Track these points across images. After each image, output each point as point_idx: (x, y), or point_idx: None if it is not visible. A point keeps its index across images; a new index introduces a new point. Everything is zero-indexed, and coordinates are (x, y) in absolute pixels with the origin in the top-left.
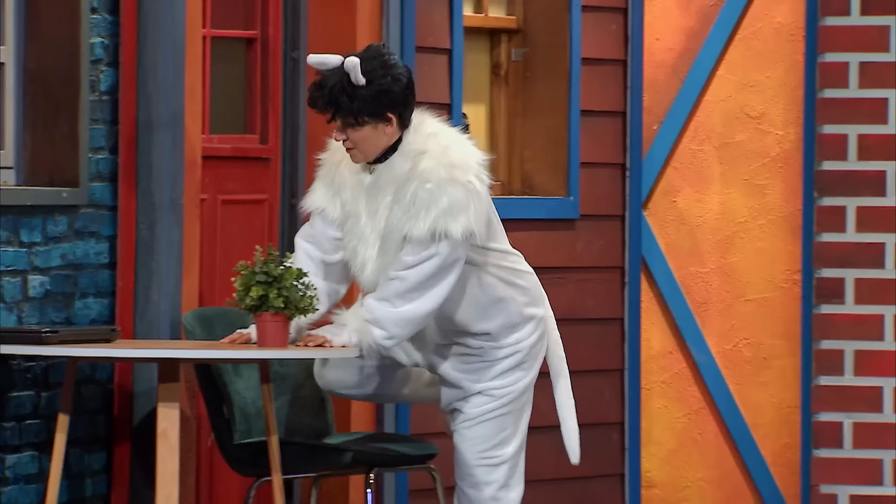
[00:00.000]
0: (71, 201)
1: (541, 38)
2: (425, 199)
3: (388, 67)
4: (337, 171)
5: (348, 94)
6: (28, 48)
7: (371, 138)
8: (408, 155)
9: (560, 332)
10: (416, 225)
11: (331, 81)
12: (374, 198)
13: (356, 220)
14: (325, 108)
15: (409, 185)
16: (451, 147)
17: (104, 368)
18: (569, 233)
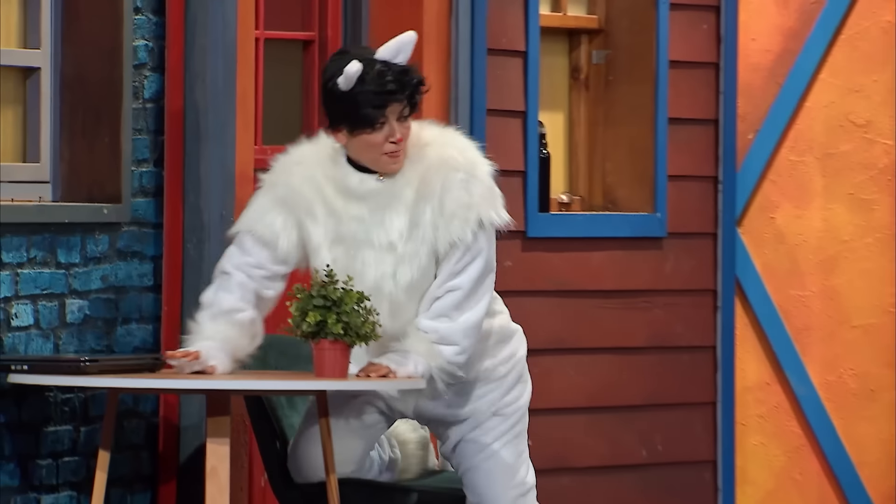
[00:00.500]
0: (112, 218)
1: (624, 39)
2: (462, 191)
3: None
4: (297, 197)
5: (414, 76)
6: (65, 51)
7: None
8: (411, 154)
9: (646, 362)
10: (461, 221)
11: (412, 73)
12: (382, 208)
13: (353, 242)
14: (394, 106)
15: (431, 179)
16: (448, 134)
17: (148, 400)
18: (655, 252)
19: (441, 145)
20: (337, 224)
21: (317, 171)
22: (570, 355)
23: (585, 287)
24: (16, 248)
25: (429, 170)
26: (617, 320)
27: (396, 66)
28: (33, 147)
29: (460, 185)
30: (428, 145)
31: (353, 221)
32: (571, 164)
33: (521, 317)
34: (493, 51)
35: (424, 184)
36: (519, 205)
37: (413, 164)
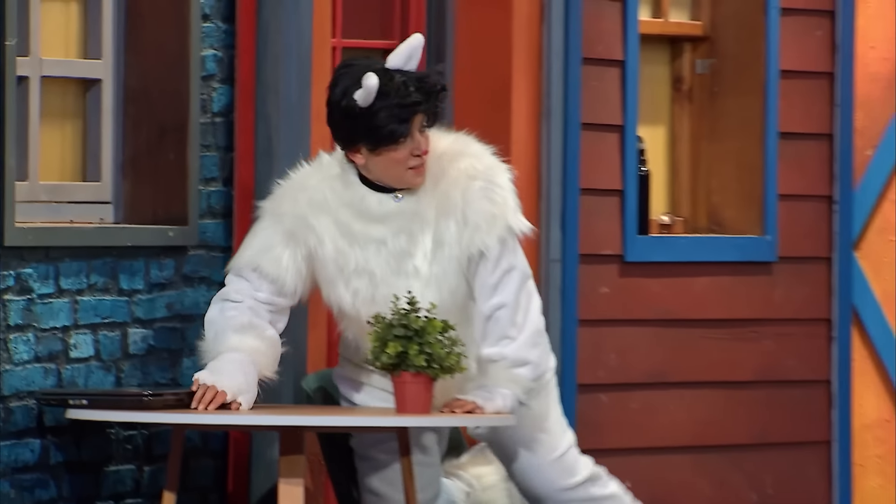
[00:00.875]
0: (178, 241)
1: (731, 47)
2: (485, 201)
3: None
4: (305, 227)
5: (433, 83)
6: (128, 62)
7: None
8: (430, 163)
9: (754, 397)
10: (488, 231)
11: (432, 79)
12: (407, 229)
13: (371, 271)
14: (417, 118)
15: (450, 192)
16: (462, 141)
17: (216, 438)
18: (765, 278)
19: (457, 155)
20: (356, 252)
21: (327, 196)
22: (673, 390)
23: (688, 316)
24: (75, 274)
25: (447, 183)
26: (723, 352)
27: (414, 74)
28: (93, 165)
29: (481, 195)
30: (443, 156)
31: (374, 246)
32: (673, 183)
33: (618, 347)
34: (588, 60)
35: (445, 198)
36: (616, 227)
37: (431, 178)
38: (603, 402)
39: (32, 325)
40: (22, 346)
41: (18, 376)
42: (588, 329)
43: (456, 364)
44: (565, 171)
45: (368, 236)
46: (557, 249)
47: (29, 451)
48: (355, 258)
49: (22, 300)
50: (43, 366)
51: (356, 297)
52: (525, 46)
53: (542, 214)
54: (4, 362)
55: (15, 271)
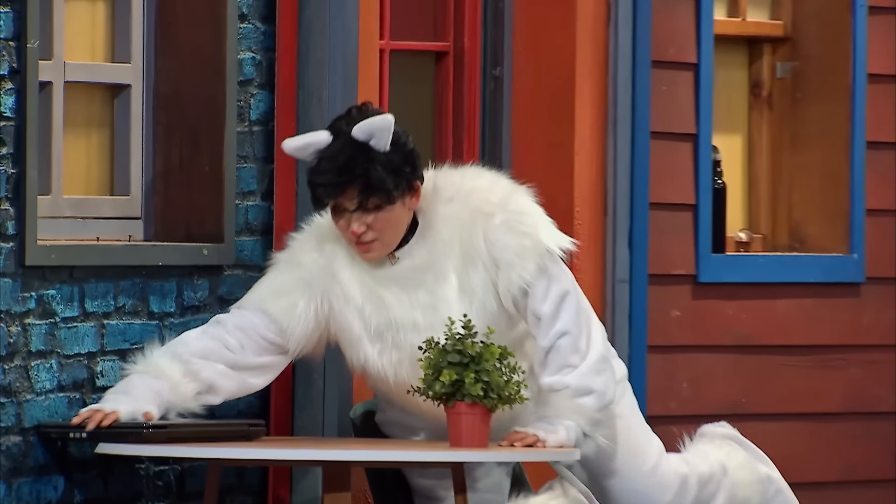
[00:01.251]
0: (213, 260)
1: (814, 49)
2: (510, 235)
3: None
4: (329, 280)
5: (380, 163)
6: (159, 66)
7: (399, 220)
8: (436, 214)
9: (840, 430)
10: (523, 266)
11: (346, 153)
12: (417, 286)
13: (392, 331)
14: (350, 192)
15: (471, 238)
16: (469, 175)
17: (254, 474)
18: (852, 300)
19: (466, 194)
20: (378, 312)
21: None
22: (750, 422)
23: (768, 342)
24: (101, 296)
25: (463, 228)
26: (806, 381)
27: (337, 157)
28: (122, 178)
29: (505, 230)
30: (452, 199)
31: (391, 306)
32: (751, 197)
33: (692, 375)
34: (658, 63)
35: (463, 245)
36: (689, 244)
37: (442, 227)
38: (675, 436)
39: (56, 351)
40: (44, 373)
41: (40, 407)
42: (658, 356)
43: (516, 393)
44: (633, 184)
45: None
46: (625, 269)
47: (52, 489)
48: (375, 319)
49: (44, 324)
50: (67, 395)
51: (380, 359)
52: (590, 48)
53: (607, 231)
54: (26, 391)
55: (37, 293)
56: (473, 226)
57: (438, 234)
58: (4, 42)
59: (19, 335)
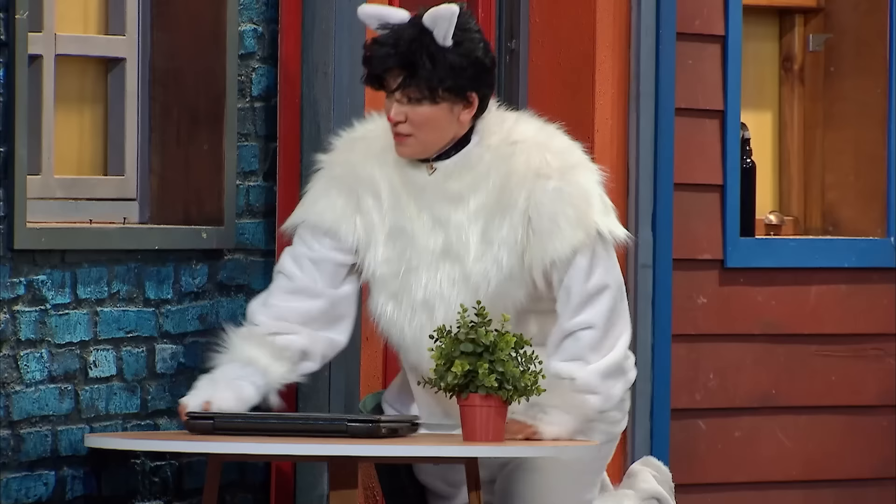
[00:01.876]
0: (212, 244)
1: (849, 20)
2: (557, 202)
3: (476, 31)
4: (358, 174)
5: (431, 54)
6: (155, 39)
7: (440, 123)
8: (491, 148)
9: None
10: (564, 237)
11: (407, 35)
12: (445, 209)
13: (410, 241)
14: (395, 71)
15: (513, 192)
16: (547, 133)
17: (256, 470)
18: (888, 287)
19: (533, 146)
20: (397, 216)
21: (386, 148)
22: (781, 415)
23: (800, 330)
24: (94, 282)
25: (511, 177)
26: (840, 372)
27: (399, 33)
28: (116, 157)
29: (553, 197)
30: (517, 144)
31: (413, 217)
32: (782, 177)
33: (719, 366)
34: (683, 35)
35: (503, 194)
36: (716, 227)
37: (490, 164)
38: (701, 430)
39: (46, 339)
40: (34, 363)
41: (30, 398)
42: (683, 345)
43: (532, 385)
44: (657, 163)
45: (410, 204)
46: (648, 254)
47: (42, 485)
48: (396, 222)
49: (34, 311)
50: (58, 386)
51: (388, 266)
52: (611, 19)
53: (630, 213)
54: (15, 382)
55: (26, 278)
56: (522, 180)
57: (486, 169)
58: None
59: (8, 323)
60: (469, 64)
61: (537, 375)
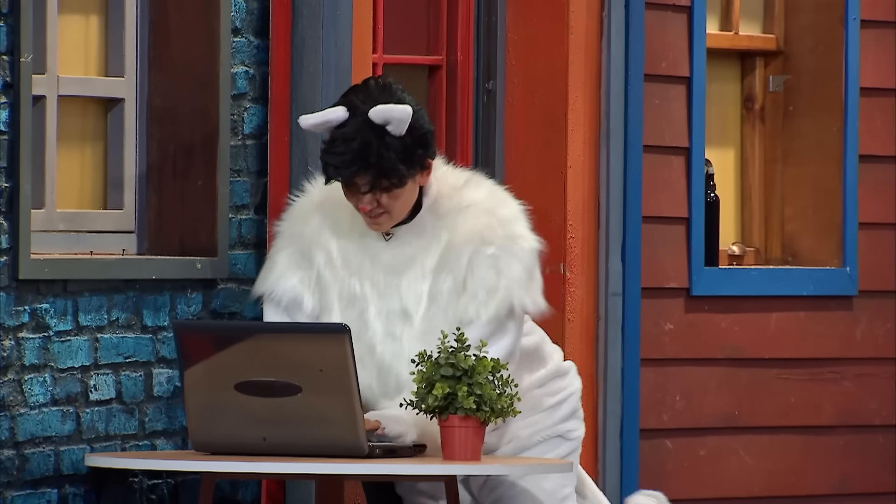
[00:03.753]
0: (207, 274)
1: (807, 62)
2: (491, 269)
3: (416, 105)
4: (314, 242)
5: (395, 150)
6: (152, 80)
7: (409, 197)
8: (442, 208)
9: (833, 444)
10: (484, 304)
11: (362, 138)
12: (398, 273)
13: (363, 307)
14: (362, 175)
15: (459, 251)
16: (495, 198)
17: (248, 487)
18: (845, 314)
19: (483, 211)
20: (353, 282)
21: (341, 218)
22: (744, 435)
23: (761, 355)
24: (95, 310)
25: (459, 240)
26: (799, 394)
27: (354, 138)
28: (115, 191)
29: (489, 263)
30: (467, 209)
31: (366, 281)
32: (744, 210)
33: (684, 388)
34: (651, 77)
35: (450, 254)
36: (682, 257)
37: (441, 228)
38: (668, 449)
39: (49, 364)
40: (38, 387)
41: (34, 420)
42: (651, 369)
43: (508, 406)
44: (626, 197)
45: (363, 270)
46: (618, 282)
47: (45, 502)
48: (350, 288)
49: (38, 338)
50: (60, 409)
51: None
52: (582, 62)
53: (600, 244)
54: (19, 405)
55: (30, 306)
56: (468, 241)
57: (438, 232)
58: None
59: (13, 349)
60: (423, 138)
61: (513, 398)
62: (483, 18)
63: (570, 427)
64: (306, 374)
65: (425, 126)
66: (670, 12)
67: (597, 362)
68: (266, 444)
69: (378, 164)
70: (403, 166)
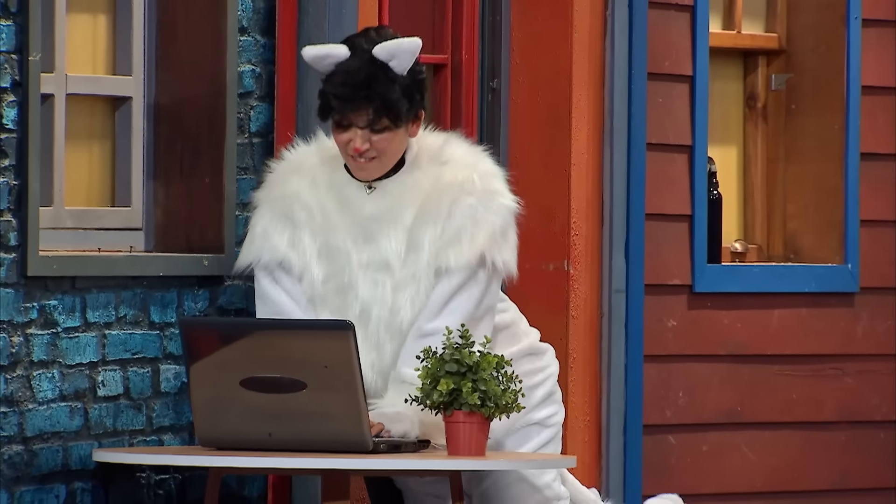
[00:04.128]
0: (214, 271)
1: (809, 61)
2: (468, 218)
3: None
4: (295, 201)
5: (400, 85)
6: (160, 79)
7: (399, 144)
8: (423, 163)
9: (835, 439)
10: (459, 251)
11: (367, 71)
12: (378, 223)
13: (345, 258)
14: (361, 108)
15: (439, 200)
16: (475, 155)
17: (254, 482)
18: (846, 310)
19: (462, 166)
20: (330, 236)
21: (318, 177)
22: (746, 431)
23: (763, 351)
24: (103, 306)
25: (439, 190)
26: (801, 390)
27: (368, 71)
28: (123, 189)
29: (467, 212)
30: (447, 163)
31: (346, 235)
32: (746, 208)
33: (687, 384)
34: (654, 75)
35: (430, 203)
36: (684, 255)
37: (422, 180)
38: (671, 444)
39: (57, 360)
40: (46, 383)
41: (42, 416)
42: (654, 365)
43: (513, 402)
44: (629, 194)
45: (342, 224)
46: (621, 279)
47: (54, 497)
48: (327, 241)
49: (46, 334)
50: (69, 404)
51: (326, 285)
52: (586, 61)
53: (604, 242)
54: (28, 401)
55: (39, 303)
56: (447, 191)
57: (418, 185)
58: (7, 55)
59: (21, 345)
60: (420, 84)
61: (517, 394)
62: (488, 17)
63: (549, 413)
64: (311, 370)
65: (423, 73)
66: (673, 11)
67: (600, 358)
68: (272, 439)
69: (382, 96)
70: (404, 103)
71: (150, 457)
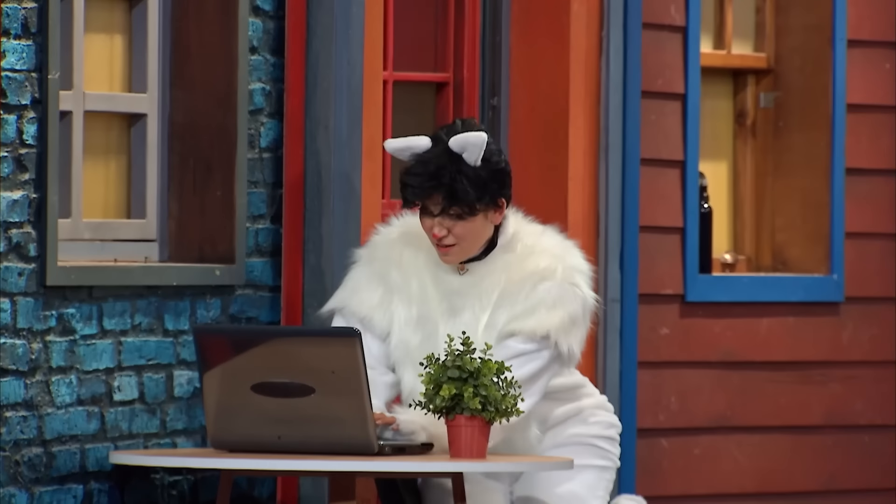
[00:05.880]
0: (225, 280)
1: (796, 80)
2: (543, 299)
3: (493, 144)
4: (394, 266)
5: (467, 177)
6: (174, 96)
7: (480, 231)
8: (515, 248)
9: (822, 443)
10: (527, 321)
11: (438, 162)
12: (463, 302)
13: (433, 328)
14: (436, 197)
15: (521, 285)
16: (565, 248)
17: (264, 484)
18: (832, 319)
19: (549, 256)
20: (422, 305)
21: (420, 248)
22: (736, 435)
23: (752, 358)
24: (119, 314)
25: (522, 276)
26: (788, 396)
27: (431, 161)
28: (138, 202)
29: (543, 295)
30: (536, 252)
31: (437, 306)
32: (736, 220)
33: (679, 390)
34: (648, 94)
35: (511, 286)
36: (677, 265)
37: (511, 263)
38: (664, 448)
39: (75, 366)
40: (64, 388)
41: (61, 420)
42: (648, 371)
43: (512, 406)
44: (624, 208)
45: (435, 296)
46: (616, 289)
47: (71, 497)
48: (420, 311)
49: (64, 341)
50: (86, 409)
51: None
52: (582, 80)
53: (600, 253)
54: (47, 405)
55: (57, 311)
56: (529, 277)
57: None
58: (27, 73)
59: (41, 351)
60: (497, 174)
61: (516, 399)
62: (488, 38)
63: (608, 448)
64: (319, 376)
65: (501, 164)
66: (666, 32)
67: (596, 365)
68: (281, 442)
69: (450, 186)
70: (474, 193)
71: (165, 459)
